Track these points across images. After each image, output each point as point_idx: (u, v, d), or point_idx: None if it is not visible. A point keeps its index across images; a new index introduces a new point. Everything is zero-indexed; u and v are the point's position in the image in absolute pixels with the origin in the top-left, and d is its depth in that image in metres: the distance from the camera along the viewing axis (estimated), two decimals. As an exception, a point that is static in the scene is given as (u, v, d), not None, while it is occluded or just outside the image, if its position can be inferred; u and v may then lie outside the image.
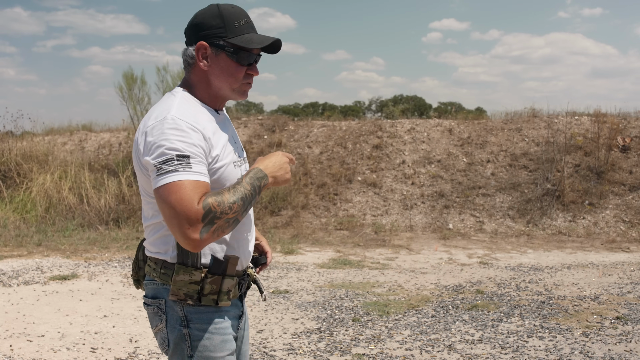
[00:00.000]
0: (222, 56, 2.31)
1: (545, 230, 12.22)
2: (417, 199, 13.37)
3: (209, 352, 2.31)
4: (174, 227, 2.06)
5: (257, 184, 2.24)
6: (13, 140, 15.68)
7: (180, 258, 2.27)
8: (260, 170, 2.28)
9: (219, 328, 2.34)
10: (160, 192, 2.08)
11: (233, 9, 2.34)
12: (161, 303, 2.34)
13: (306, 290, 7.91)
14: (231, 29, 2.30)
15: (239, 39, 2.30)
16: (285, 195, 13.37)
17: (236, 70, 2.33)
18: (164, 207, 2.08)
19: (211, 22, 2.30)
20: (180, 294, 2.26)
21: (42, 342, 5.83)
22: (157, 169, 2.09)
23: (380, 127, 15.61)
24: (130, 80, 16.66)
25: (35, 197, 13.52)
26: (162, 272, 2.32)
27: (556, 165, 13.42)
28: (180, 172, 2.08)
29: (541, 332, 6.06)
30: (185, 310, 2.30)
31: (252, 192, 2.21)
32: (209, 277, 2.28)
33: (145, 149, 2.16)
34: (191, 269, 2.26)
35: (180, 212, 2.03)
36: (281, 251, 10.75)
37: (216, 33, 2.30)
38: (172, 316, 2.32)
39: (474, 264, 9.71)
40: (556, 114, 15.50)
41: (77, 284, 8.19)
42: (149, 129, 2.17)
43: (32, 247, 10.90)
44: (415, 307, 7.02)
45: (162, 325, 2.35)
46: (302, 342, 5.83)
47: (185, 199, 2.05)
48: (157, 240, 2.34)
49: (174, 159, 2.09)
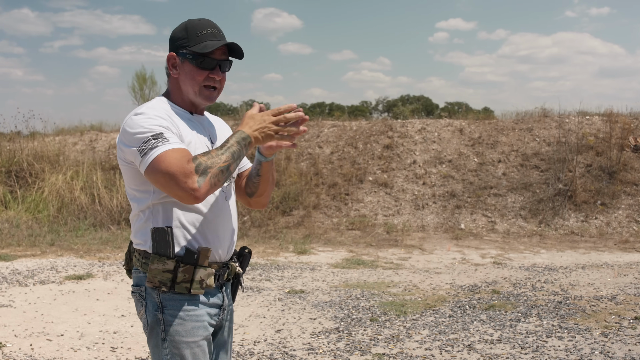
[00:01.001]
0: (186, 63, 2.55)
1: (558, 230, 12.20)
2: (428, 199, 13.37)
3: (180, 336, 2.46)
4: (173, 187, 2.27)
5: (242, 143, 2.42)
6: (24, 140, 15.73)
7: (155, 248, 2.43)
8: (242, 132, 2.44)
9: (191, 315, 2.48)
10: (150, 169, 2.30)
11: (199, 21, 2.59)
12: (142, 290, 2.52)
13: (322, 290, 7.91)
14: (193, 38, 2.54)
15: (197, 46, 2.52)
16: (297, 195, 13.38)
17: (197, 74, 2.54)
18: (158, 177, 2.29)
19: (178, 34, 2.58)
20: (155, 281, 2.43)
21: (62, 342, 5.84)
22: (139, 151, 2.32)
23: (391, 127, 15.60)
24: (141, 80, 16.70)
25: (48, 197, 13.55)
26: (142, 262, 2.50)
27: (568, 165, 13.40)
28: (160, 146, 2.30)
29: (560, 332, 6.05)
30: (161, 297, 2.47)
31: (238, 148, 2.40)
32: (182, 266, 2.43)
33: (126, 140, 2.39)
34: (164, 259, 2.42)
35: (173, 173, 2.25)
36: (294, 251, 10.76)
37: (181, 44, 2.55)
38: (150, 302, 2.49)
39: (488, 264, 9.70)
40: (567, 114, 15.47)
41: (92, 284, 8.21)
42: (125, 125, 2.42)
43: (45, 246, 10.93)
44: (432, 307, 7.02)
45: (142, 310, 2.53)
46: (321, 341, 5.83)
47: (174, 162, 2.26)
48: (137, 232, 2.52)
49: (150, 139, 2.32)
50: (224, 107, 45.12)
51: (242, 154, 2.42)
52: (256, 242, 11.53)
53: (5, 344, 5.72)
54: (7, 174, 14.35)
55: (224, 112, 30.85)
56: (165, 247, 2.42)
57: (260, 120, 2.46)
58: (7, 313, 6.79)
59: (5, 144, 15.40)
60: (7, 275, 8.59)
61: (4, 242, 11.20)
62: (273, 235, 12.07)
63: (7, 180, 14.23)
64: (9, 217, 12.97)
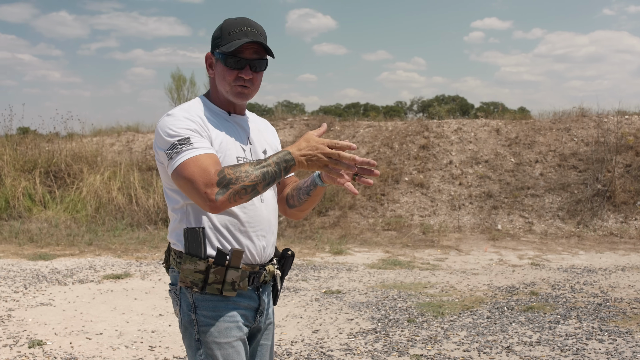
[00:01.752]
0: (218, 63, 2.55)
1: (597, 231, 12.04)
2: (464, 200, 13.27)
3: (213, 337, 2.46)
4: (194, 194, 2.26)
5: (283, 165, 2.31)
6: (62, 141, 15.93)
7: (187, 249, 2.44)
8: (288, 152, 2.32)
9: (224, 316, 2.48)
10: (175, 174, 2.32)
11: (235, 20, 2.56)
12: (177, 289, 2.54)
13: (358, 290, 7.89)
14: (225, 38, 2.52)
15: (226, 46, 2.51)
16: (333, 196, 13.37)
17: (227, 74, 2.53)
18: (182, 184, 2.30)
19: (215, 34, 2.58)
20: (187, 281, 2.44)
21: (101, 340, 5.90)
22: (167, 156, 2.35)
23: (427, 127, 15.52)
24: (179, 81, 16.82)
25: (86, 197, 13.71)
26: (177, 262, 2.52)
27: (606, 165, 13.22)
28: (185, 152, 2.31)
29: (600, 335, 5.97)
30: (194, 297, 2.48)
31: (275, 169, 2.30)
32: (213, 267, 2.43)
33: (157, 142, 2.43)
34: (196, 259, 2.42)
35: (196, 181, 2.24)
36: (330, 251, 10.75)
37: (216, 43, 2.56)
38: (184, 301, 2.51)
39: (525, 265, 9.60)
40: (605, 113, 15.25)
41: (130, 283, 8.28)
42: (157, 126, 2.45)
43: (84, 246, 11.06)
44: (470, 308, 6.97)
45: (177, 309, 2.55)
46: (358, 342, 5.81)
47: (196, 171, 2.26)
48: (172, 231, 2.55)
49: (177, 144, 2.34)
50: (258, 108, 45.28)
51: (277, 176, 2.31)
52: (292, 243, 11.54)
53: (45, 342, 5.79)
54: (46, 175, 14.55)
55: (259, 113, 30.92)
56: (197, 247, 2.42)
57: (314, 146, 2.32)
58: (47, 312, 6.87)
59: (44, 145, 15.63)
60: (46, 275, 8.70)
61: (43, 241, 11.35)
62: (309, 236, 12.07)
63: (46, 180, 14.43)
64: (48, 217, 13.15)
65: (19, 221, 12.91)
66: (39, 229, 12.22)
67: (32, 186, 14.02)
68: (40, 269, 9.08)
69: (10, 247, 10.94)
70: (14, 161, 14.63)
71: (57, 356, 5.43)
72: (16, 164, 14.56)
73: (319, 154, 2.30)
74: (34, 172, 14.40)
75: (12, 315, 6.70)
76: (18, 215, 13.31)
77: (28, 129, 18.34)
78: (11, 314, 6.75)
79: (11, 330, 6.15)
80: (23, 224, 12.65)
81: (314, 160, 2.31)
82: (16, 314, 6.75)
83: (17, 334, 6.04)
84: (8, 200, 13.61)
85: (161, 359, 5.42)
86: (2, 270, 9.02)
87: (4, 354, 5.45)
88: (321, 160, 2.31)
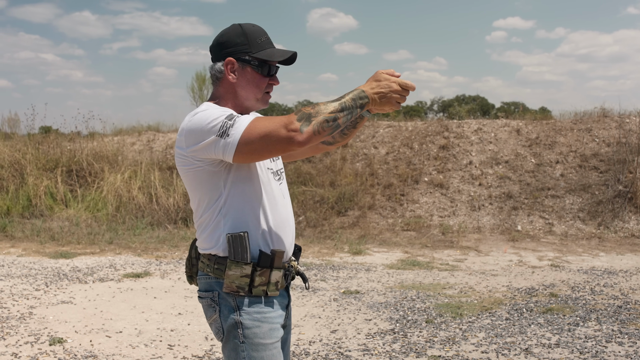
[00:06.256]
0: (247, 69, 2.55)
1: (618, 233, 11.95)
2: (484, 200, 13.23)
3: (258, 339, 2.49)
4: (275, 142, 2.27)
5: (359, 102, 2.37)
6: (84, 140, 16.06)
7: (232, 255, 2.46)
8: (362, 90, 2.39)
9: (267, 317, 2.52)
10: (243, 141, 2.29)
11: (254, 27, 2.59)
12: (214, 295, 2.53)
13: (377, 290, 7.89)
14: (254, 45, 2.54)
15: (262, 53, 2.54)
16: (352, 196, 13.37)
17: (260, 81, 2.57)
18: (257, 145, 2.29)
19: (236, 40, 2.55)
20: (233, 287, 2.46)
21: (121, 338, 5.94)
22: (219, 135, 2.32)
23: (447, 128, 15.48)
24: (201, 81, 16.90)
25: (106, 196, 13.80)
26: (215, 267, 2.51)
27: (628, 166, 13.11)
28: (241, 119, 2.34)
29: (620, 338, 5.93)
30: (237, 301, 2.49)
31: (352, 104, 2.35)
32: (258, 270, 2.47)
33: (195, 139, 2.38)
34: (242, 264, 2.45)
35: (272, 129, 2.27)
36: (349, 251, 10.75)
37: (242, 49, 2.54)
38: (225, 306, 2.50)
39: (545, 266, 9.55)
40: (627, 114, 15.12)
41: (150, 282, 8.33)
42: (188, 126, 2.41)
43: (104, 245, 11.13)
44: (489, 310, 6.94)
45: (215, 315, 2.54)
46: (376, 342, 5.82)
47: (267, 122, 2.30)
48: (207, 237, 2.53)
49: (226, 121, 2.33)
50: (279, 108, 45.37)
51: (353, 112, 2.36)
52: (311, 242, 11.56)
53: (66, 339, 5.85)
54: (68, 173, 14.67)
55: (279, 113, 31.00)
56: (242, 252, 2.45)
57: (386, 84, 2.41)
58: (67, 309, 6.94)
59: (65, 144, 15.78)
60: (67, 273, 8.78)
61: (64, 239, 11.45)
62: (328, 236, 12.08)
63: (68, 179, 14.55)
64: (69, 216, 13.26)
65: (40, 219, 13.03)
66: (60, 228, 12.33)
67: (54, 185, 14.15)
68: (61, 267, 9.16)
69: (32, 245, 11.04)
70: (36, 160, 14.77)
71: (77, 354, 5.48)
72: (38, 163, 14.70)
73: (391, 92, 2.41)
74: (55, 171, 14.53)
75: (34, 313, 6.77)
76: (40, 213, 13.44)
77: (50, 128, 18.52)
78: (32, 312, 6.82)
79: (32, 328, 6.21)
80: (45, 223, 12.77)
81: (388, 96, 2.41)
82: (37, 312, 6.82)
83: (38, 331, 6.11)
84: (30, 199, 13.74)
85: (180, 357, 5.46)
86: (23, 268, 9.12)
87: (25, 351, 5.51)
88: (394, 97, 2.41)
